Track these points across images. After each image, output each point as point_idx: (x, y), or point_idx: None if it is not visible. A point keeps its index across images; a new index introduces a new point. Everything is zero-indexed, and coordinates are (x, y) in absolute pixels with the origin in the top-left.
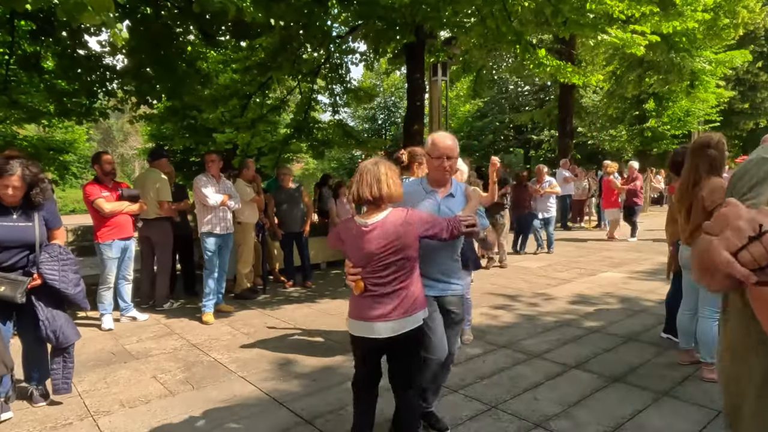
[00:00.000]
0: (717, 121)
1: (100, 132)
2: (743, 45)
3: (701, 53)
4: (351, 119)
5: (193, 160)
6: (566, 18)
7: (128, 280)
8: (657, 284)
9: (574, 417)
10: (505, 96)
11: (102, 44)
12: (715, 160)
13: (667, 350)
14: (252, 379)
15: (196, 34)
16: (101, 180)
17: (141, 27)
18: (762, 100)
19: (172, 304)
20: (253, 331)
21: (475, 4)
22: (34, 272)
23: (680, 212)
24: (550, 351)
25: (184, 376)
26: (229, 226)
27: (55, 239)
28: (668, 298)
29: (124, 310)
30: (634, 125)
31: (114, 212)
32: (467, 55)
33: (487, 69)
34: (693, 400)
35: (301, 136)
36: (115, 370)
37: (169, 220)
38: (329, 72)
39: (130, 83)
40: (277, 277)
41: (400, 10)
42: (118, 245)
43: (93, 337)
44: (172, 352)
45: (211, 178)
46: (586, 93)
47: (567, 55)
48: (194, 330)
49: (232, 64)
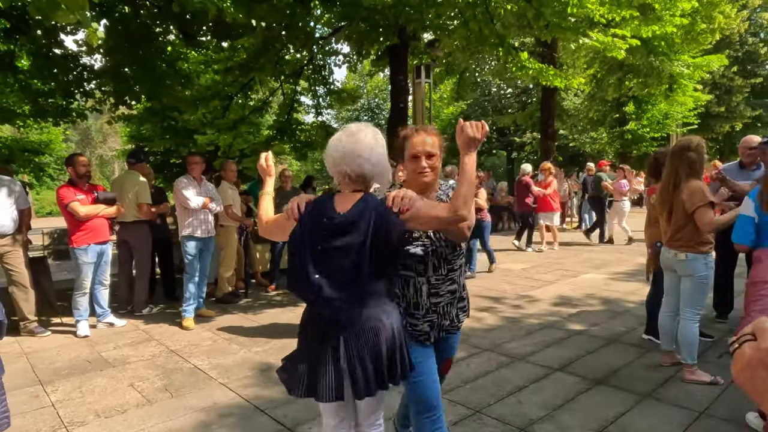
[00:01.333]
0: (695, 124)
1: (79, 133)
2: (719, 50)
3: (679, 57)
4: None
5: (174, 162)
6: (548, 21)
7: (105, 285)
8: (638, 285)
9: (558, 420)
10: (487, 98)
11: (79, 43)
12: (695, 163)
13: (648, 352)
14: (233, 386)
15: (176, 34)
16: (75, 182)
17: (119, 26)
18: (737, 103)
19: (151, 309)
20: (234, 336)
21: (458, 7)
22: None
23: (662, 214)
24: (533, 354)
25: (162, 384)
26: (210, 229)
27: None
28: (648, 299)
29: (100, 316)
30: (615, 128)
31: (89, 216)
32: (450, 57)
33: (470, 71)
34: (675, 402)
35: (284, 138)
36: (90, 378)
37: (147, 223)
38: (312, 73)
39: (108, 83)
40: (260, 281)
41: (383, 11)
42: (94, 250)
43: (68, 345)
44: (151, 358)
45: (193, 180)
46: (568, 96)
47: (549, 58)
48: (174, 336)
49: (214, 64)
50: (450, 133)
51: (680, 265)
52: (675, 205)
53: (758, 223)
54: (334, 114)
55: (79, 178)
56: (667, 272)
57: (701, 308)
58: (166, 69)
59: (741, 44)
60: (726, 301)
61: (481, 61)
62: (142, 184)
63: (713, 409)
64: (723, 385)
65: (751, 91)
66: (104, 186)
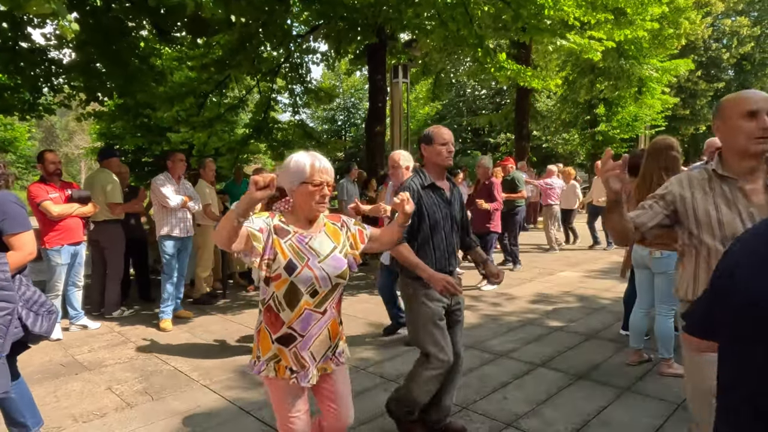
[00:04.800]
0: (662, 126)
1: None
2: (684, 55)
3: (648, 61)
4: (310, 120)
5: (146, 161)
6: (526, 23)
7: (78, 287)
8: (612, 282)
9: (542, 415)
10: (462, 99)
11: (47, 37)
12: (677, 161)
13: (626, 347)
14: (215, 387)
15: (149, 30)
16: (48, 180)
17: (90, 20)
18: (701, 107)
19: (123, 312)
20: (213, 337)
21: (436, 8)
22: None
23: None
24: (515, 350)
25: (142, 387)
26: (189, 229)
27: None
28: (626, 296)
29: (74, 318)
30: (586, 129)
31: (62, 215)
32: (427, 57)
33: (446, 72)
34: (654, 394)
35: (261, 137)
36: (65, 382)
37: (119, 223)
38: (289, 71)
39: (77, 79)
40: (238, 281)
41: (362, 10)
42: (67, 251)
43: (40, 348)
44: (128, 361)
45: (170, 178)
46: (541, 98)
47: (524, 60)
48: (151, 337)
49: (188, 61)
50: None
51: (654, 263)
52: None
53: None
54: (310, 113)
55: (49, 176)
56: (640, 270)
57: (675, 304)
58: (139, 65)
59: (705, 50)
60: None
61: (457, 62)
62: (114, 182)
63: None
64: None
65: (714, 95)
66: (77, 184)
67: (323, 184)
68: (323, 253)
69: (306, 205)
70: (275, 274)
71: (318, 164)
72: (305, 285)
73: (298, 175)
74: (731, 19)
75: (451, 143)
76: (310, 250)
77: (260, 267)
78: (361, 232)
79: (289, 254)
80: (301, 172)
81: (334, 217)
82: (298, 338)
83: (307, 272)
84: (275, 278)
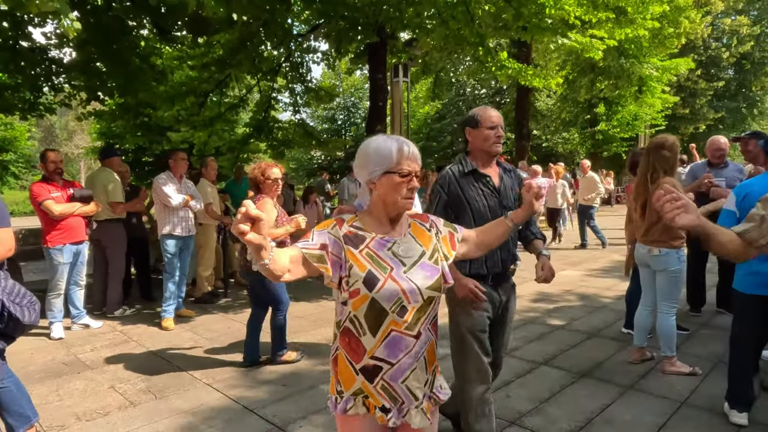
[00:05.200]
0: (662, 125)
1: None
2: (684, 54)
3: (648, 60)
4: (311, 119)
5: (146, 160)
6: (527, 21)
7: (81, 286)
8: (613, 281)
9: (546, 413)
10: (462, 98)
11: (47, 36)
12: (668, 161)
13: (629, 345)
14: (218, 386)
15: (150, 29)
16: (50, 179)
17: (91, 19)
18: (701, 106)
19: (125, 311)
20: (216, 336)
21: (437, 7)
22: None
23: (636, 210)
24: (518, 348)
25: (145, 386)
26: (190, 228)
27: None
28: (628, 294)
29: (75, 317)
30: (586, 128)
31: (64, 214)
32: (427, 56)
33: (446, 71)
34: (657, 392)
35: (261, 136)
36: (68, 381)
37: (121, 222)
38: (290, 71)
39: (78, 78)
40: (238, 280)
41: (362, 9)
42: (69, 250)
43: (42, 347)
44: (131, 360)
45: (172, 177)
46: (541, 97)
47: (524, 59)
48: (153, 337)
49: (189, 60)
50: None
51: (654, 261)
52: (649, 201)
53: (739, 218)
54: (310, 112)
55: (51, 175)
56: (642, 268)
57: (677, 302)
58: (139, 64)
59: (705, 49)
60: (699, 295)
61: (457, 61)
62: (115, 181)
63: (693, 398)
64: (701, 375)
65: (713, 94)
66: (80, 183)
67: (412, 175)
68: (410, 261)
69: (390, 201)
70: (353, 289)
71: (407, 150)
72: (390, 301)
73: (381, 163)
74: (731, 18)
75: (501, 127)
76: (394, 257)
77: (340, 289)
78: (452, 235)
79: (368, 265)
80: (385, 159)
81: (421, 216)
82: (386, 367)
83: (392, 285)
84: (353, 295)
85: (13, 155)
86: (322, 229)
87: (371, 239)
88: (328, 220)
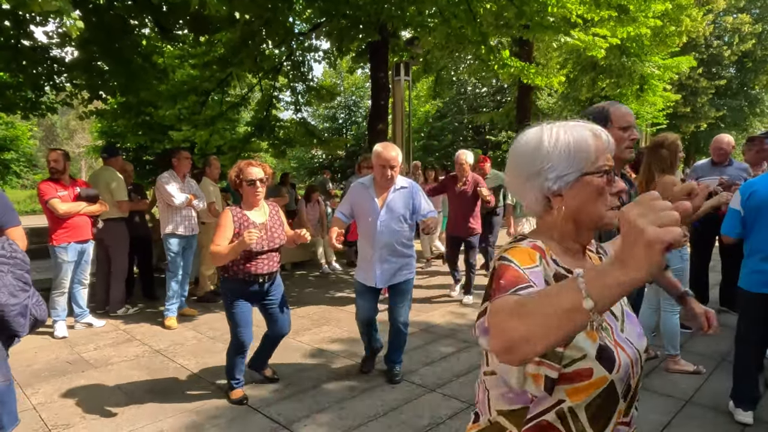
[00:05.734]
0: (663, 124)
1: (43, 129)
2: (685, 52)
3: (650, 58)
4: (312, 118)
5: (147, 159)
6: (530, 20)
7: (84, 285)
8: None
9: None
10: (463, 97)
11: (49, 35)
12: (667, 160)
13: None
14: (222, 385)
15: (151, 28)
16: (57, 178)
17: (92, 18)
18: (702, 104)
19: (128, 310)
20: (219, 335)
21: (438, 5)
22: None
23: None
24: None
25: (149, 385)
26: (194, 227)
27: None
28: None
29: (79, 316)
30: None
31: (69, 213)
32: (429, 55)
33: (447, 70)
34: (661, 391)
35: (263, 135)
36: (72, 380)
37: (123, 221)
38: (291, 69)
39: (80, 77)
40: None
41: (364, 8)
42: (74, 248)
43: (45, 346)
44: (135, 359)
45: (175, 176)
46: (542, 95)
47: (525, 57)
48: (156, 335)
49: (190, 59)
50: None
51: None
52: None
53: (743, 216)
54: (311, 111)
55: (52, 174)
56: None
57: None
58: (141, 63)
59: (706, 47)
60: (702, 293)
61: (458, 60)
62: (119, 180)
63: (698, 397)
64: (705, 374)
65: (715, 93)
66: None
67: (612, 172)
68: (618, 311)
69: (588, 218)
70: (576, 369)
71: (605, 139)
72: (623, 382)
73: (575, 163)
74: (733, 17)
75: (635, 128)
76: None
77: (550, 367)
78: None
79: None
80: (582, 154)
81: None
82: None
83: (623, 356)
84: (576, 378)
85: (14, 154)
86: (531, 265)
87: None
88: (521, 248)
